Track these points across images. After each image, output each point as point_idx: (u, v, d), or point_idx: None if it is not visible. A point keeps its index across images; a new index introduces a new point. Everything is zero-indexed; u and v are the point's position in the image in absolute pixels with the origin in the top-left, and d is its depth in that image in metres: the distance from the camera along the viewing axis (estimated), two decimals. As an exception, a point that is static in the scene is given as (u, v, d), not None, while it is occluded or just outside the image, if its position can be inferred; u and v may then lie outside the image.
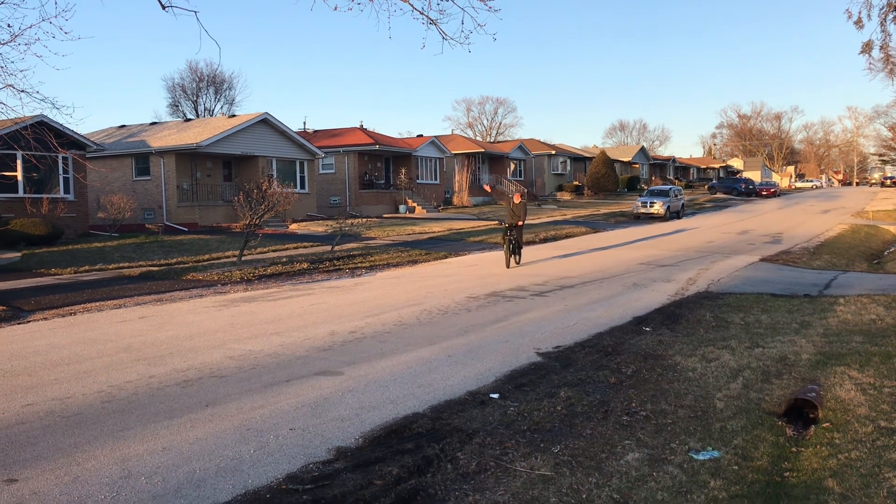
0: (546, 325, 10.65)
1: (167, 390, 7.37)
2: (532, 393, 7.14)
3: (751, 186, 70.82)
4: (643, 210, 39.41)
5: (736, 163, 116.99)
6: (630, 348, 8.95)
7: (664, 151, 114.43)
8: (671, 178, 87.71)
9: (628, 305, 12.16)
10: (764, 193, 69.09)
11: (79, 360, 8.75)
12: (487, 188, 40.43)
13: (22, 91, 13.18)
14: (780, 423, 6.30)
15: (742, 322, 10.52)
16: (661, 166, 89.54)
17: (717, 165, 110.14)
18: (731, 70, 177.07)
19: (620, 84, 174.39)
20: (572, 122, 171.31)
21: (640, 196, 43.70)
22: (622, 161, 77.38)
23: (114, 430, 6.15)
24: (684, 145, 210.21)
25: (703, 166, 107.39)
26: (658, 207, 39.04)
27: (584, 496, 4.77)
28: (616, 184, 65.11)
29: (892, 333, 9.43)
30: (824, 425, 6.14)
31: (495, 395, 7.06)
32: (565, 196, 62.19)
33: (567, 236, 28.60)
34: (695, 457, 5.49)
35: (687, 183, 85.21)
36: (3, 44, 12.94)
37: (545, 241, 26.80)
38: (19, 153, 23.90)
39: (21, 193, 25.27)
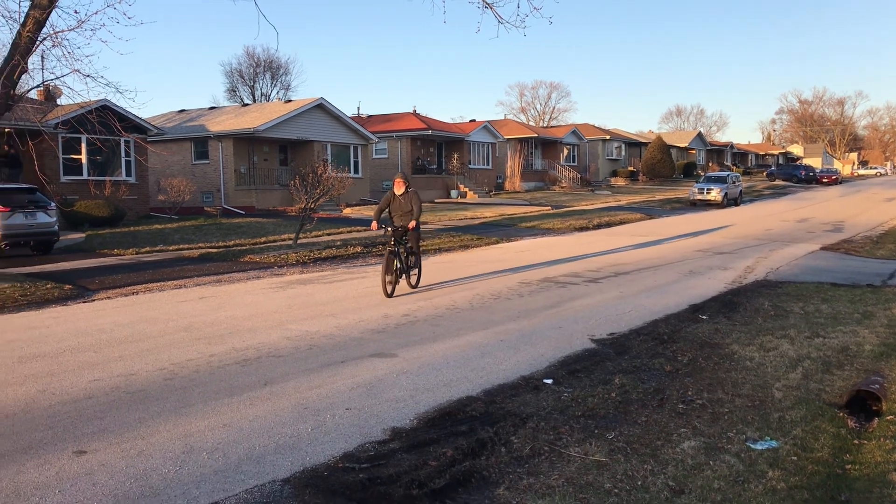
0: (600, 311, 10.58)
1: (227, 369, 7.56)
2: (586, 379, 7.12)
3: (811, 173, 69.02)
4: (700, 197, 38.74)
5: (796, 149, 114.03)
6: (686, 336, 8.84)
7: (722, 137, 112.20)
8: (729, 164, 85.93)
9: (684, 293, 12.00)
10: (825, 181, 67.26)
11: (142, 339, 9.01)
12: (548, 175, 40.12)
13: (87, 76, 13.53)
14: (841, 414, 6.17)
15: (802, 311, 10.30)
16: (718, 152, 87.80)
17: (776, 152, 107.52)
18: (793, 54, 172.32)
19: (678, 68, 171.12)
20: (627, 107, 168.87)
21: (697, 182, 42.94)
22: (678, 147, 76.06)
23: (176, 407, 6.33)
24: (743, 131, 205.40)
25: (761, 153, 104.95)
26: (715, 194, 38.32)
27: (639, 483, 4.76)
28: (672, 170, 64.07)
29: (961, 326, 9.13)
30: (888, 418, 6.00)
31: (549, 381, 7.06)
32: (619, 182, 61.45)
33: (621, 222, 28.30)
34: (752, 446, 5.42)
35: (745, 170, 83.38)
36: (70, 29, 13.30)
37: (598, 227, 26.56)
38: (84, 136, 24.55)
39: (85, 176, 26.00)
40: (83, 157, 26.00)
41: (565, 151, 59.32)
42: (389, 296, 11.69)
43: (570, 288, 12.69)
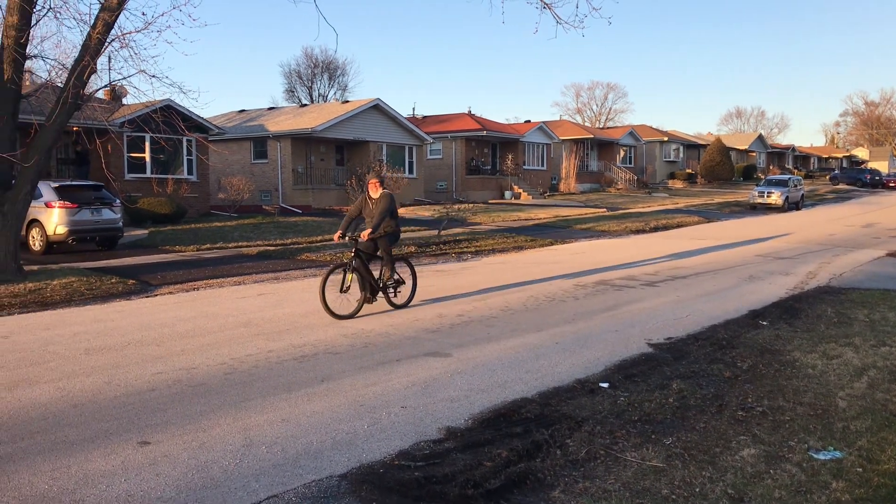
0: (657, 315, 10.45)
1: (285, 364, 7.68)
2: (643, 384, 7.04)
3: (877, 177, 66.97)
4: (760, 200, 37.94)
5: (861, 152, 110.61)
6: (746, 342, 8.68)
7: (783, 140, 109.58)
8: (790, 167, 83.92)
9: (744, 298, 11.77)
10: (891, 185, 65.19)
11: (202, 333, 9.22)
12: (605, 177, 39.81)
13: (153, 76, 13.90)
14: (909, 426, 5.97)
15: (867, 319, 10.01)
16: (779, 155, 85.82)
17: (839, 155, 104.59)
18: (859, 53, 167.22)
19: (738, 69, 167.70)
20: (686, 109, 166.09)
21: (757, 185, 42.06)
22: (738, 149, 74.61)
23: (236, 401, 6.46)
24: (805, 133, 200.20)
25: (824, 156, 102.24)
26: (776, 197, 37.48)
27: (697, 489, 4.69)
28: (731, 172, 62.86)
29: None
30: (959, 431, 5.79)
31: (605, 385, 7.00)
32: (677, 184, 60.56)
33: (679, 225, 27.88)
34: (815, 456, 5.29)
35: (807, 173, 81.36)
36: (137, 31, 13.68)
37: (655, 230, 26.22)
38: (148, 135, 25.22)
39: (148, 174, 26.68)
40: (147, 156, 26.69)
41: (622, 153, 58.70)
42: (341, 317, 9.90)
43: (626, 291, 12.55)
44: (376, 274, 10.63)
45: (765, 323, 9.82)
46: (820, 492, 4.69)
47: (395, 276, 10.76)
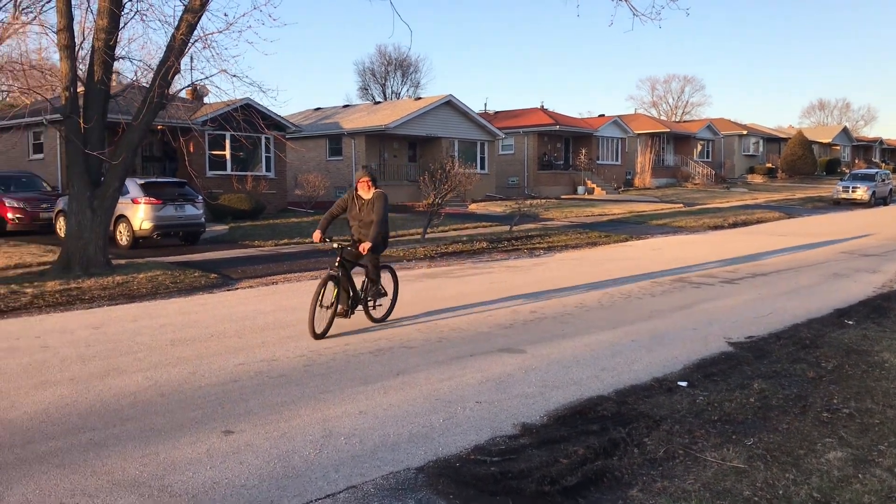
0: (737, 313, 10.20)
1: (361, 357, 7.81)
2: (723, 383, 6.90)
3: (975, 171, 63.63)
4: (844, 195, 36.59)
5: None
6: (830, 342, 8.39)
7: (869, 132, 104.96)
8: (877, 161, 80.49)
9: (828, 297, 11.38)
10: None
11: (282, 326, 9.44)
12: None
13: (234, 76, 14.30)
14: None
15: (963, 320, 9.56)
16: (865, 148, 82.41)
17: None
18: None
19: (821, 60, 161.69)
20: (766, 102, 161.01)
21: (841, 180, 40.54)
22: (821, 143, 71.93)
23: (315, 392, 6.60)
24: (894, 126, 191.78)
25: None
26: (861, 193, 36.09)
27: (780, 492, 4.57)
28: (813, 167, 60.70)
29: None
30: None
31: (683, 384, 6.88)
32: (756, 179, 58.86)
33: (758, 221, 27.14)
34: (907, 461, 5.09)
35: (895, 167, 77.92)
36: (219, 32, 14.10)
37: (734, 225, 25.58)
38: (228, 133, 25.89)
39: (228, 171, 27.43)
40: (227, 153, 27.44)
41: (699, 147, 57.37)
42: (319, 336, 8.50)
43: (704, 289, 12.29)
44: (358, 284, 9.25)
45: (851, 322, 9.48)
46: (912, 498, 4.51)
47: (379, 288, 9.38)
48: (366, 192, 9.03)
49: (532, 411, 6.11)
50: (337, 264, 8.81)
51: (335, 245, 8.97)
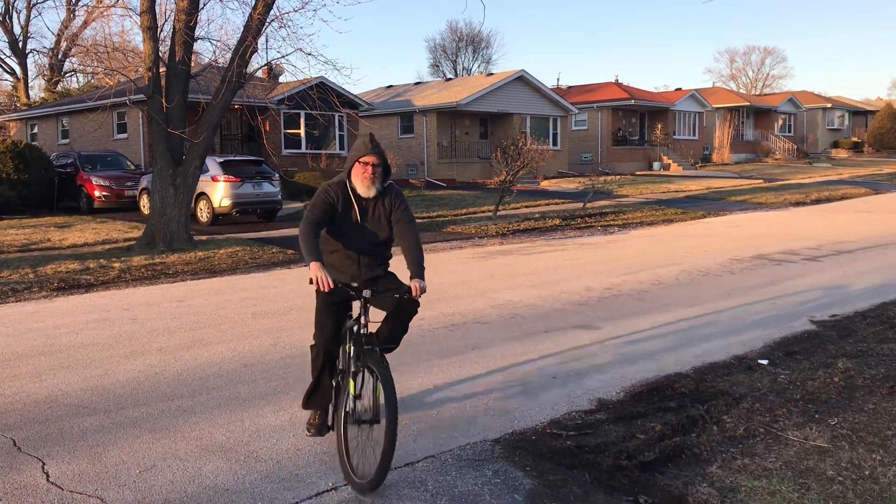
0: (820, 291, 9.90)
1: (436, 332, 7.89)
2: (805, 362, 6.72)
3: None
4: (937, 170, 34.89)
5: None
6: (921, 321, 8.07)
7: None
8: (974, 133, 76.37)
9: (918, 275, 10.94)
10: None
11: (357, 301, 9.60)
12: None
13: (309, 54, 14.57)
14: None
15: None
16: (961, 120, 78.26)
17: None
18: None
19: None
20: (852, 73, 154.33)
21: (934, 154, 38.64)
22: (912, 114, 68.65)
23: (392, 365, 6.65)
24: None
25: None
26: (956, 167, 34.34)
27: (866, 472, 4.45)
28: (903, 140, 58.04)
29: None
30: None
31: (764, 362, 6.74)
32: (841, 153, 56.65)
33: (843, 197, 26.15)
34: None
35: None
36: (295, 11, 14.51)
37: (817, 202, 24.73)
38: (303, 112, 26.31)
39: (303, 149, 27.91)
40: (302, 132, 27.91)
41: (780, 121, 55.50)
42: (366, 488, 4.17)
43: (786, 266, 11.96)
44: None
45: (943, 301, 9.09)
46: None
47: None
48: (370, 186, 4.59)
49: (608, 387, 6.08)
50: (360, 331, 4.51)
51: (364, 292, 4.47)
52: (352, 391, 4.39)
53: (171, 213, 14.69)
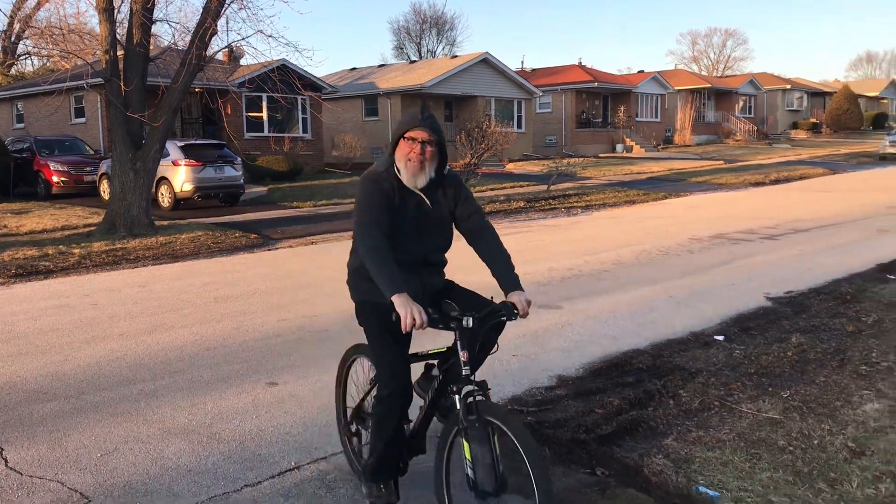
0: (776, 269, 10.12)
1: (399, 314, 7.93)
2: (760, 337, 6.90)
3: None
4: (891, 150, 35.68)
5: None
6: (871, 296, 8.30)
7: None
8: (928, 114, 78.14)
9: (870, 252, 11.21)
10: None
11: (322, 284, 9.62)
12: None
13: (269, 36, 14.43)
14: None
15: None
16: (915, 101, 79.98)
17: None
18: None
19: (869, 10, 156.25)
20: (811, 55, 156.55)
21: (888, 134, 39.48)
22: (867, 96, 69.99)
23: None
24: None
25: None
26: (910, 147, 35.13)
27: (815, 442, 4.60)
28: (860, 121, 59.20)
29: None
30: None
31: (720, 338, 6.90)
32: (800, 134, 57.59)
33: (801, 178, 26.66)
34: (945, 413, 5.08)
35: (947, 120, 75.49)
36: (256, -8, 14.10)
37: (776, 182, 25.17)
38: (265, 95, 26.06)
39: (266, 133, 27.65)
40: (264, 115, 27.65)
41: (741, 102, 56.22)
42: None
43: (743, 245, 12.19)
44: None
45: (893, 277, 9.36)
46: (950, 448, 4.52)
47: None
48: (419, 171, 3.52)
49: (568, 364, 6.19)
50: (464, 373, 3.34)
51: (465, 321, 3.34)
52: (467, 455, 3.22)
53: (132, 198, 14.51)
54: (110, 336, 7.28)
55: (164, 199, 19.33)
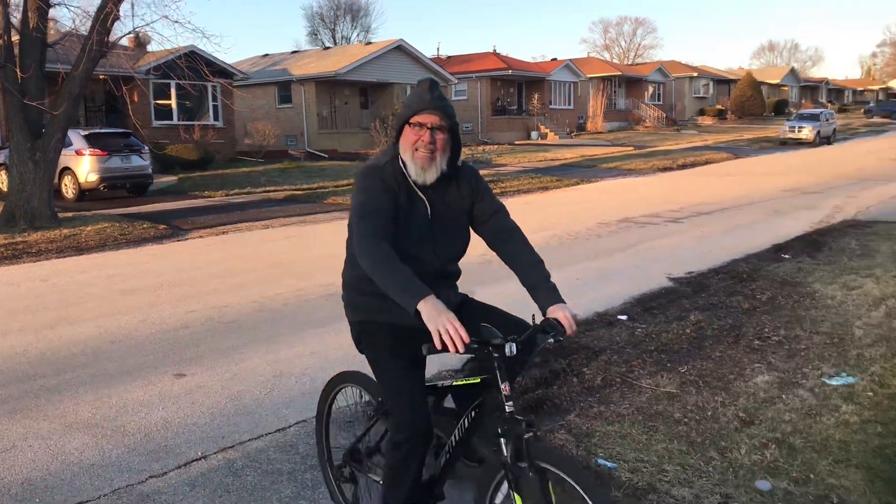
0: (679, 251, 10.52)
1: (313, 302, 7.92)
2: (661, 316, 7.18)
3: (914, 109, 65.26)
4: (791, 135, 37.31)
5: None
6: (767, 275, 8.74)
7: (817, 73, 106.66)
8: (823, 101, 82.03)
9: (768, 233, 11.77)
10: (929, 117, 63.48)
11: (233, 274, 9.49)
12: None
13: (175, 21, 14.02)
14: (923, 353, 6.07)
15: (890, 251, 9.99)
16: (812, 89, 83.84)
17: (875, 87, 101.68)
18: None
19: (771, 0, 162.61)
20: (717, 43, 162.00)
21: (788, 120, 41.26)
22: (769, 83, 72.92)
23: (266, 336, 6.72)
24: (840, 66, 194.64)
25: (859, 88, 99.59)
26: (807, 132, 36.82)
27: (709, 413, 4.85)
28: (762, 108, 61.68)
29: None
30: (973, 357, 5.87)
31: (623, 317, 7.15)
32: (707, 121, 59.59)
33: (706, 162, 27.63)
34: (827, 382, 5.41)
35: (841, 106, 79.47)
36: (159, -23, 13.68)
37: (683, 167, 26.01)
38: (173, 82, 25.35)
39: (175, 121, 26.91)
40: (173, 103, 26.90)
41: (650, 90, 57.75)
42: None
43: (649, 228, 12.60)
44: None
45: (787, 256, 9.86)
46: (829, 414, 4.82)
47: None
48: (428, 163, 2.93)
49: (478, 347, 6.30)
50: (508, 410, 2.71)
51: (507, 347, 2.70)
52: None
53: (32, 190, 13.94)
54: (9, 331, 7.02)
55: (68, 190, 18.64)
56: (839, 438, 4.49)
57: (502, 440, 2.69)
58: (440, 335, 2.44)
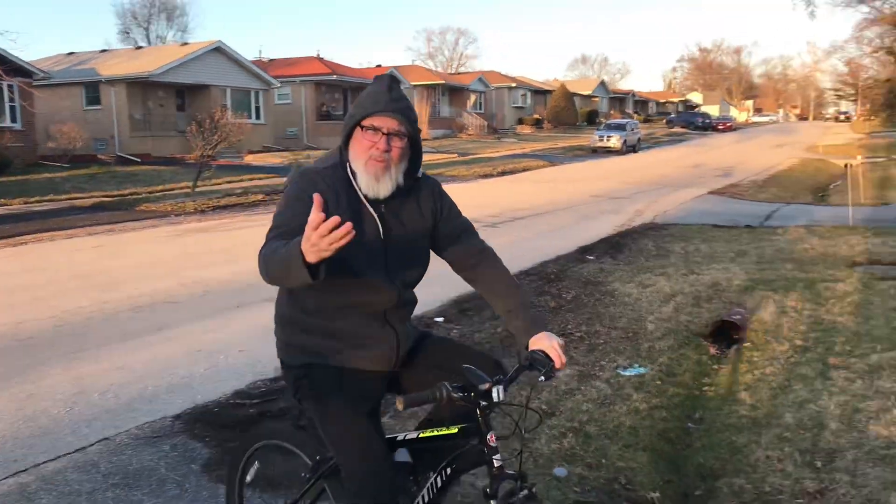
0: (494, 254, 10.95)
1: (120, 315, 7.55)
2: (476, 317, 7.46)
3: (707, 121, 71.47)
4: (600, 144, 39.74)
5: (695, 97, 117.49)
6: (572, 275, 9.30)
7: (624, 85, 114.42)
8: (630, 112, 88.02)
9: (576, 236, 12.52)
10: (720, 128, 69.77)
11: (31, 287, 8.85)
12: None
13: (-38, 15, 12.81)
14: (704, 343, 6.71)
15: (682, 251, 10.94)
16: (620, 100, 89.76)
17: (676, 99, 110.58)
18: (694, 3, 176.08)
19: (585, 15, 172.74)
20: (534, 55, 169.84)
21: (598, 130, 43.98)
22: (582, 95, 77.28)
23: (67, 352, 6.34)
24: (645, 79, 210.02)
25: (662, 100, 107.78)
26: (615, 141, 39.37)
27: (513, 408, 5.11)
28: (575, 117, 65.27)
29: (821, 261, 9.94)
30: (746, 345, 6.57)
31: (440, 319, 7.37)
32: (525, 130, 62.20)
33: (524, 170, 28.86)
34: (622, 373, 5.87)
35: (646, 117, 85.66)
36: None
37: (503, 174, 27.04)
38: (-38, 80, 23.21)
39: (-34, 122, 24.63)
40: (-38, 102, 24.60)
41: (472, 99, 59.51)
42: None
43: (467, 232, 13.01)
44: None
45: (591, 257, 10.54)
46: (622, 403, 5.23)
47: None
48: (382, 175, 2.54)
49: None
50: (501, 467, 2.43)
51: (495, 391, 2.41)
52: None
53: None
54: None
55: None
56: (629, 425, 4.89)
57: (492, 502, 2.34)
58: (329, 244, 1.94)
